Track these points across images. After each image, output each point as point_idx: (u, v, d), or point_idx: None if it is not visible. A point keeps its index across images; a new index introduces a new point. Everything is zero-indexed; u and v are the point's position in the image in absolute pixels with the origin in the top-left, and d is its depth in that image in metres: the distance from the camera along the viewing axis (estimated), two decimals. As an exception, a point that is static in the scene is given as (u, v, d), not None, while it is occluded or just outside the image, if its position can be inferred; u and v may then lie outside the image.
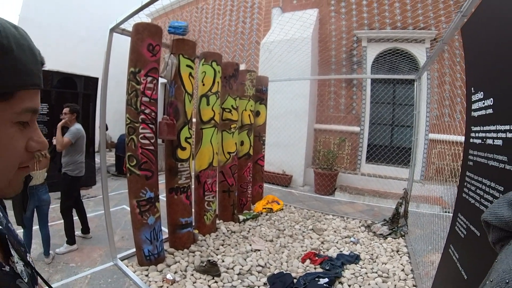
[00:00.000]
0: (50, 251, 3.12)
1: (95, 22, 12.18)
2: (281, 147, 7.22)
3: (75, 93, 6.10)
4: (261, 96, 4.78)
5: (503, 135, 1.62)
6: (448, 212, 5.71)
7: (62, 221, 3.41)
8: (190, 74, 3.03)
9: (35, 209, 2.97)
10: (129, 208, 4.47)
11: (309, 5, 8.52)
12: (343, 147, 7.54)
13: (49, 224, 3.19)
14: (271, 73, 6.39)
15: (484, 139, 1.88)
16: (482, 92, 2.00)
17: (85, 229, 3.67)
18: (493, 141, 1.76)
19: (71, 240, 3.34)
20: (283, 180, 7.08)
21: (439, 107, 7.06)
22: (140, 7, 2.25)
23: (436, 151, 6.60)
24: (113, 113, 10.04)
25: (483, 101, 1.95)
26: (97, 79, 6.30)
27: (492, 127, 1.79)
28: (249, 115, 4.39)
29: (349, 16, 8.12)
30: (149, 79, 2.56)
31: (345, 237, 3.80)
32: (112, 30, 2.68)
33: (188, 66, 2.98)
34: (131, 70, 2.56)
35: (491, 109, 1.82)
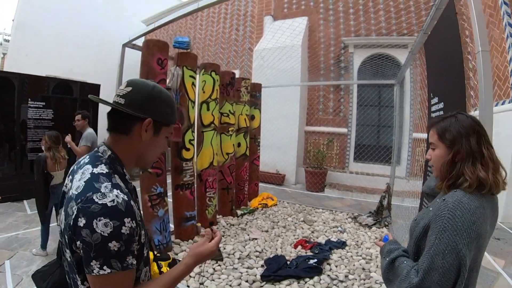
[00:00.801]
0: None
1: (91, 29, 12.40)
2: (275, 148, 7.63)
3: (83, 100, 6.38)
4: (255, 101, 5.18)
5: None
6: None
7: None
8: (193, 83, 3.42)
9: (53, 207, 3.31)
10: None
11: (299, 14, 8.98)
12: (332, 147, 8.00)
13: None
14: (264, 79, 6.80)
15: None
16: (437, 97, 2.46)
17: (96, 225, 4.00)
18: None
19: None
20: (277, 179, 7.49)
21: (422, 108, 7.57)
22: (152, 29, 2.64)
23: (420, 149, 7.10)
24: (110, 117, 10.31)
25: (438, 105, 2.41)
26: (99, 85, 6.61)
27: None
28: (245, 119, 4.79)
29: (337, 24, 8.59)
30: (159, 88, 2.95)
31: (333, 227, 4.22)
32: (125, 45, 3.05)
33: (191, 76, 3.37)
34: (143, 81, 2.94)
35: (442, 111, 2.28)
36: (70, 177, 0.86)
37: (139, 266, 0.80)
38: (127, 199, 0.74)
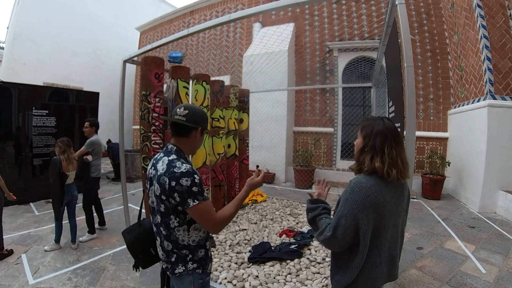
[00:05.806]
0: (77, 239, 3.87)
1: (86, 36, 12.70)
2: (264, 148, 8.09)
3: (82, 107, 6.76)
4: (243, 106, 5.61)
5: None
6: (414, 198, 6.66)
7: (81, 218, 4.15)
8: (186, 93, 3.86)
9: (65, 206, 3.72)
10: (134, 206, 5.23)
11: (286, 20, 9.44)
12: (319, 146, 8.49)
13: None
14: (253, 83, 7.24)
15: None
16: (391, 101, 2.95)
17: (102, 222, 4.42)
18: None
19: (91, 230, 4.09)
20: (267, 178, 7.94)
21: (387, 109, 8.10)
22: (151, 48, 3.06)
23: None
24: (106, 123, 10.65)
25: (392, 107, 2.89)
26: (97, 93, 7.00)
27: (396, 124, 2.72)
28: (234, 122, 5.22)
29: (321, 29, 9.07)
30: (157, 99, 3.37)
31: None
32: (126, 62, 3.46)
33: (184, 87, 3.80)
34: (143, 93, 3.36)
35: (393, 113, 2.76)
36: (153, 167, 1.44)
37: None
38: (191, 166, 1.38)
